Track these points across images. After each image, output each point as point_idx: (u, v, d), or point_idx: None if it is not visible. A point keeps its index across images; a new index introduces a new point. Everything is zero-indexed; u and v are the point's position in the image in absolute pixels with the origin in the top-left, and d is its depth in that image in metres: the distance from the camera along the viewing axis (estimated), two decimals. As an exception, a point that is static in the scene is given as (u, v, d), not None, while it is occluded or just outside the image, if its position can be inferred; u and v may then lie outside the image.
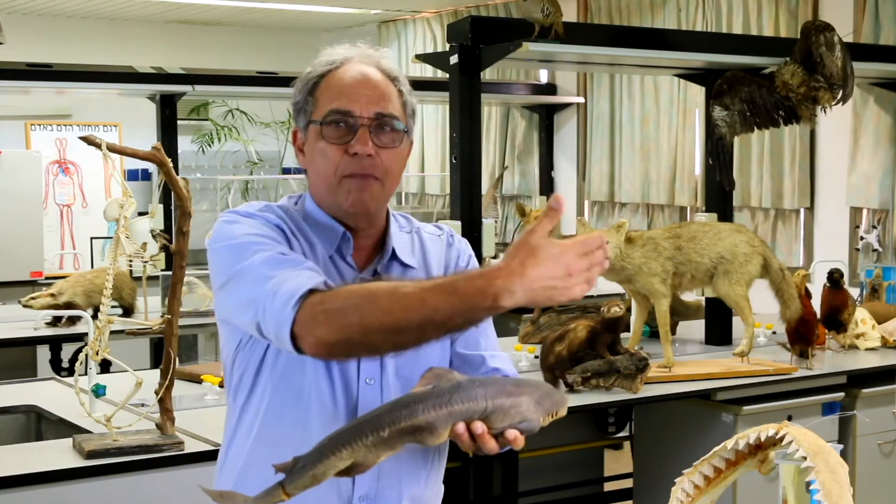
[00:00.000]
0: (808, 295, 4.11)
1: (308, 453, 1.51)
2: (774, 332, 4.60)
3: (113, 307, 3.72)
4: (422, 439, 1.52)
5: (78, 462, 2.70)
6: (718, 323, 4.60)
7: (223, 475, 1.87)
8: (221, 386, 3.56)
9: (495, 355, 1.89)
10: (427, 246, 1.90)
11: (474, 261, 1.95)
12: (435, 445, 1.54)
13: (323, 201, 1.81)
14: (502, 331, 3.12)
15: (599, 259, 1.51)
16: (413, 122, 1.84)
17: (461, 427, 1.52)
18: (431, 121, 8.67)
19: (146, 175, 8.62)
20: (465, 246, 1.95)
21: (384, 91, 1.78)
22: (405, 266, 1.85)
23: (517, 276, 1.48)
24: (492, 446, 1.55)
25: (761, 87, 4.35)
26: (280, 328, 1.60)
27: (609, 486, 5.05)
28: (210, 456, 2.80)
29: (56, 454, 2.78)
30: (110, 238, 6.31)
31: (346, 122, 1.76)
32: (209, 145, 9.09)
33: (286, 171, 9.33)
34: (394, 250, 1.84)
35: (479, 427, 1.53)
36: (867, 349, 4.45)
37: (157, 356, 5.54)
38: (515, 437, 1.56)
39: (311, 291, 1.59)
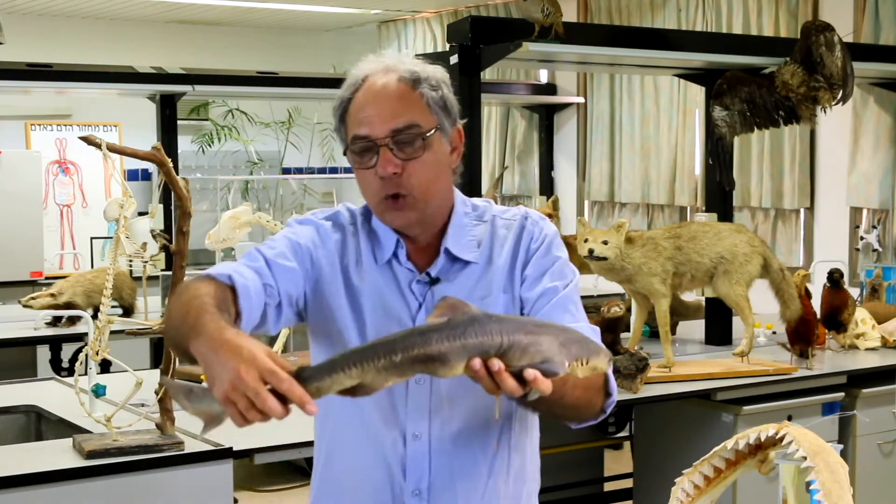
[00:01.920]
0: (808, 295, 4.11)
1: (317, 365, 1.49)
2: (774, 332, 4.60)
3: (113, 307, 3.72)
4: (434, 370, 1.49)
5: (78, 462, 2.70)
6: (718, 323, 4.60)
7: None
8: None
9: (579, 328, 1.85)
10: (498, 234, 1.90)
11: (550, 239, 1.90)
12: (447, 377, 1.50)
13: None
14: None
15: (252, 415, 1.42)
16: (445, 114, 1.83)
17: (477, 363, 1.48)
18: (431, 121, 8.66)
19: (146, 175, 8.62)
20: (540, 227, 1.91)
21: (399, 102, 1.79)
22: (465, 263, 1.86)
23: (210, 341, 1.49)
24: (510, 385, 1.49)
25: (761, 87, 4.35)
26: None
27: (609, 486, 5.05)
28: (210, 456, 2.80)
29: (56, 454, 2.78)
30: (110, 238, 6.32)
31: (368, 147, 1.79)
32: (209, 145, 9.08)
33: (286, 171, 9.33)
34: (448, 250, 1.86)
35: (495, 363, 1.48)
36: (867, 349, 4.45)
37: (157, 356, 5.54)
38: (535, 377, 1.48)
39: (207, 276, 1.73)
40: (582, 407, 1.79)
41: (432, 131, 1.81)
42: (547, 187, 7.91)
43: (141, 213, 5.36)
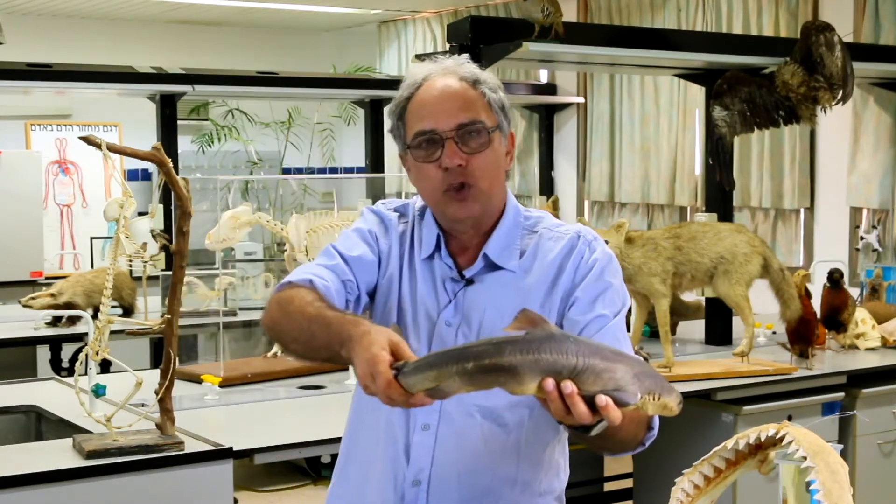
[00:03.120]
0: (808, 295, 4.11)
1: (413, 363, 1.52)
2: (774, 332, 4.60)
3: (113, 307, 3.72)
4: (504, 383, 1.46)
5: (78, 462, 2.70)
6: (718, 323, 4.60)
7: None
8: (221, 386, 3.56)
9: None
10: (543, 247, 1.90)
11: (604, 264, 1.88)
12: (520, 395, 1.48)
13: (434, 214, 1.92)
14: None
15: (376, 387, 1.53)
16: (504, 116, 1.90)
17: (550, 384, 1.44)
18: (431, 121, 8.66)
19: (146, 175, 8.62)
20: (593, 248, 1.88)
21: (464, 100, 1.84)
22: (503, 269, 1.88)
23: (347, 343, 1.60)
24: (581, 410, 1.45)
25: (761, 87, 4.35)
26: None
27: (609, 486, 5.04)
28: (210, 456, 2.80)
29: (56, 454, 2.78)
30: (110, 238, 6.31)
31: (433, 140, 1.83)
32: (209, 145, 9.08)
33: (286, 171, 9.33)
34: (487, 255, 1.88)
35: (568, 386, 1.44)
36: (867, 349, 4.45)
37: (157, 356, 5.54)
38: (607, 404, 1.44)
39: (290, 283, 1.82)
40: (628, 441, 1.79)
41: (494, 129, 1.86)
42: (547, 187, 7.91)
43: (141, 213, 5.35)
